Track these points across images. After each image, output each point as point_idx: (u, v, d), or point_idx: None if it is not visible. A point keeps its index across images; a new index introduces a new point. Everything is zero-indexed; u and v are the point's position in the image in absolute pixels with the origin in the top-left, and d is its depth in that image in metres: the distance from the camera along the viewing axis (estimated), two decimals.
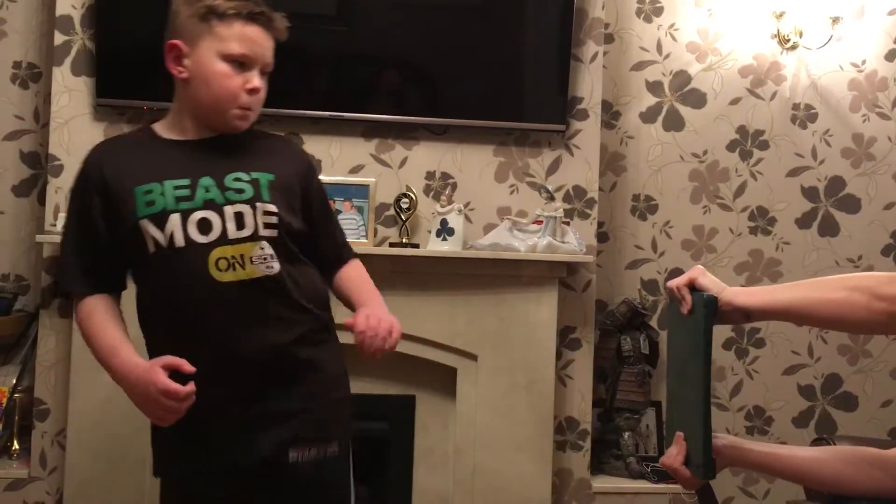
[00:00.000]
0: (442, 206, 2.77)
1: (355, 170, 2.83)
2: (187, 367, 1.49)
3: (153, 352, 1.59)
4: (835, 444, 2.05)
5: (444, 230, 2.74)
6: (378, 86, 2.84)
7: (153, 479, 2.74)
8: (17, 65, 2.86)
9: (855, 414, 3.22)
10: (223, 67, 1.58)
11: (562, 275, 2.82)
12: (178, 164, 1.58)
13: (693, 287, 1.47)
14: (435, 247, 2.73)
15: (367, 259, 2.21)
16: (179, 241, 1.54)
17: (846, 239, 3.24)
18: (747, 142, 3.20)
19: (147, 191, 1.55)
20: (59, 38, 2.69)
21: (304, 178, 1.68)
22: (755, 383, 3.19)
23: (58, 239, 2.59)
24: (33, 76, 2.86)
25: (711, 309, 1.42)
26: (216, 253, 1.53)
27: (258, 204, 1.57)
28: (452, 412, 2.78)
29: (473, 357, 2.76)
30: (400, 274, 2.70)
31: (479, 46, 2.86)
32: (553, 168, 2.91)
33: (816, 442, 2.28)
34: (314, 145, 2.80)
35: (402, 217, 2.78)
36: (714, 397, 3.18)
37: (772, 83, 3.20)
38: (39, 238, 2.62)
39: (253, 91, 1.60)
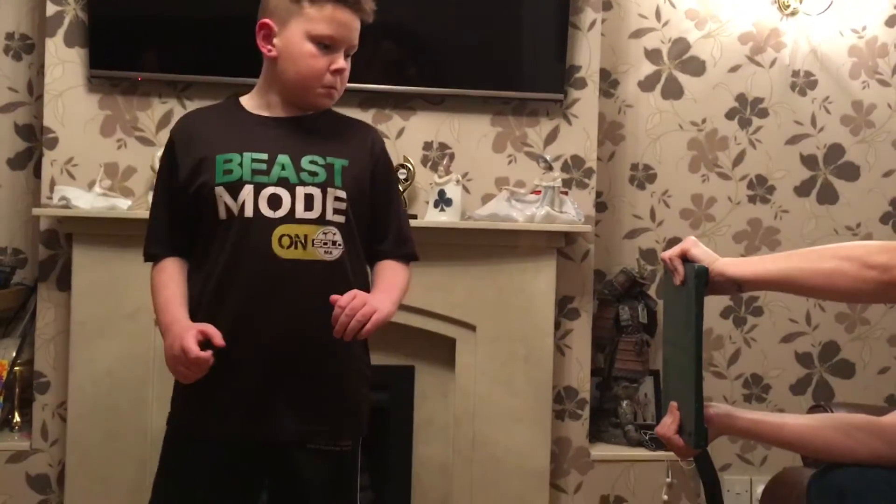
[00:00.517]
0: (440, 177, 2.76)
1: None
2: (219, 340, 1.55)
3: (195, 314, 1.62)
4: (832, 411, 2.06)
5: (442, 201, 2.73)
6: (375, 56, 2.82)
7: (154, 451, 2.76)
8: (9, 36, 2.83)
9: (852, 381, 3.24)
10: (310, 48, 1.63)
11: (560, 245, 2.82)
12: (259, 138, 1.64)
13: (686, 258, 1.48)
14: (433, 217, 2.73)
15: None
16: (249, 211, 1.59)
17: (845, 207, 3.24)
18: (746, 110, 3.19)
19: (227, 160, 1.60)
20: (51, 9, 2.66)
21: (372, 164, 1.71)
22: (753, 351, 3.20)
23: (53, 212, 2.61)
24: (26, 48, 2.84)
25: (703, 279, 1.44)
26: (281, 229, 1.58)
27: (329, 189, 1.62)
28: (452, 382, 2.79)
29: (472, 327, 2.77)
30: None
31: (477, 15, 2.83)
32: (551, 138, 2.89)
33: (813, 409, 2.30)
34: None
35: (400, 188, 2.77)
36: (712, 365, 3.19)
37: (771, 50, 3.18)
38: (36, 211, 2.61)
39: (338, 72, 1.65)
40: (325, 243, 1.61)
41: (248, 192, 1.59)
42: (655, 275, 3.16)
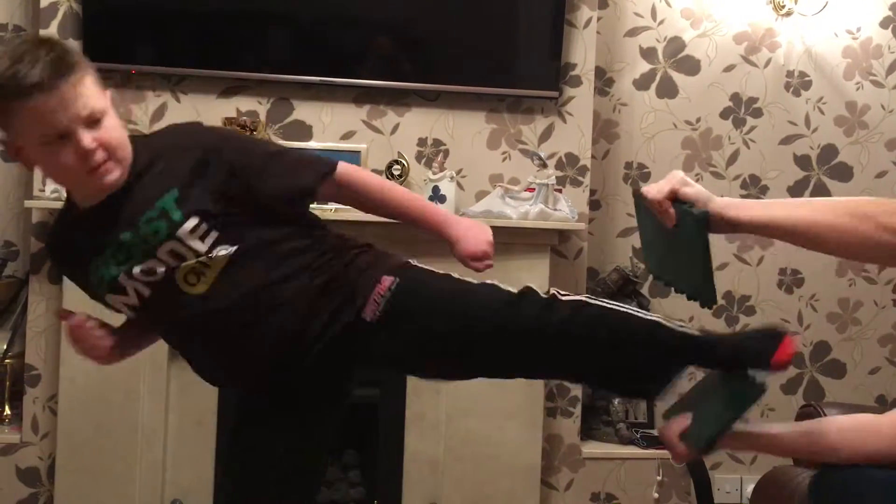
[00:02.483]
0: (434, 173, 2.76)
1: (347, 136, 2.81)
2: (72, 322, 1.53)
3: (195, 365, 1.59)
4: (823, 411, 2.07)
5: (436, 197, 2.73)
6: (370, 51, 2.82)
7: (145, 444, 2.75)
8: (3, 27, 2.81)
9: (843, 381, 3.25)
10: (46, 152, 1.40)
11: (554, 242, 2.82)
12: (99, 231, 1.49)
13: (677, 199, 1.35)
14: None
15: (360, 226, 2.20)
16: (144, 292, 1.49)
17: None
18: (740, 109, 3.19)
19: (95, 268, 1.51)
20: (45, 1, 2.65)
21: (202, 160, 1.49)
22: None
23: (45, 204, 2.59)
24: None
25: (704, 224, 1.31)
26: (178, 275, 1.46)
27: (178, 232, 1.45)
28: None
29: None
30: (391, 241, 2.69)
31: (472, 11, 2.83)
32: (545, 135, 2.89)
33: (804, 409, 2.30)
34: (305, 111, 2.77)
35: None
36: None
37: (766, 50, 3.18)
38: (28, 203, 2.60)
39: (88, 154, 1.40)
40: (219, 248, 1.47)
41: (125, 281, 1.48)
42: (649, 273, 3.16)
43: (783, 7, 3.14)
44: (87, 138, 1.39)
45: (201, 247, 1.46)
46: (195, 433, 2.66)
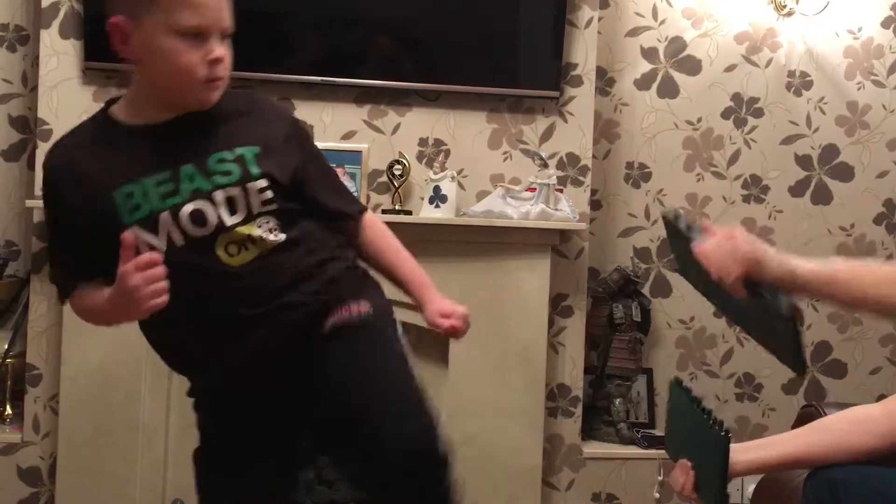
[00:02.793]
0: (435, 173, 2.76)
1: (348, 136, 2.81)
2: (148, 257, 1.34)
3: (171, 350, 1.54)
4: (824, 411, 2.07)
5: (437, 197, 2.73)
6: (371, 51, 2.82)
7: (146, 444, 2.76)
8: (4, 27, 2.82)
9: (844, 381, 3.25)
10: (176, 44, 1.39)
11: (554, 242, 2.82)
12: (152, 155, 1.42)
13: (751, 279, 1.26)
14: (428, 214, 2.72)
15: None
16: (178, 240, 1.41)
17: (839, 207, 3.24)
18: (742, 109, 3.19)
19: (127, 194, 1.40)
20: (46, 0, 2.65)
21: (291, 136, 1.53)
22: (745, 350, 3.21)
23: None
24: (21, 39, 2.83)
25: (793, 323, 1.28)
26: (221, 241, 1.42)
27: (248, 185, 1.43)
28: (444, 378, 2.79)
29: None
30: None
31: (473, 11, 2.83)
32: (546, 135, 2.89)
33: (805, 409, 2.30)
34: (306, 111, 2.77)
35: (395, 184, 2.76)
36: (703, 364, 3.20)
37: (767, 50, 3.18)
38: (29, 203, 2.60)
39: (216, 61, 1.42)
40: (270, 230, 1.45)
41: (166, 220, 1.40)
42: (650, 273, 3.16)
43: (784, 7, 3.14)
44: (219, 49, 1.42)
45: (259, 208, 1.44)
46: (196, 433, 2.66)
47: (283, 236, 1.46)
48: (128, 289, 1.34)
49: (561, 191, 2.81)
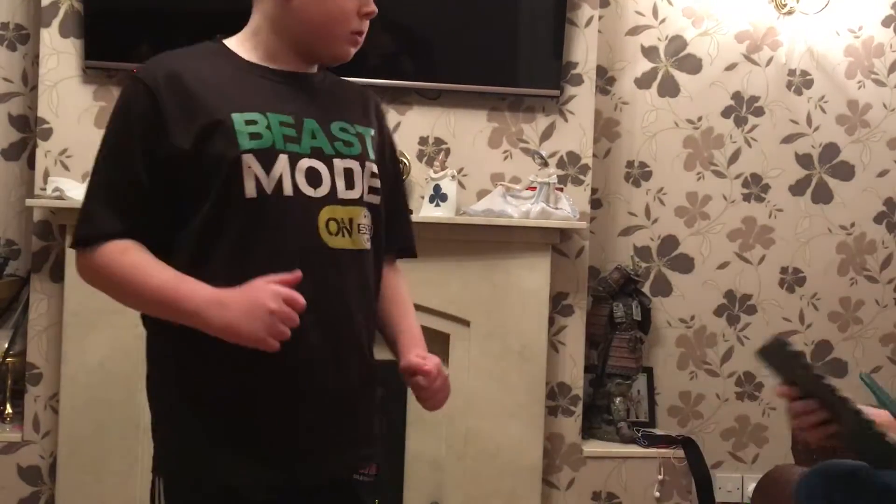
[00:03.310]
0: (435, 172, 2.76)
1: None
2: (300, 299, 1.19)
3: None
4: None
5: (438, 196, 2.73)
6: (371, 50, 2.81)
7: (146, 442, 2.75)
8: (4, 26, 2.82)
9: (845, 380, 3.25)
10: None
11: (555, 241, 2.82)
12: (277, 95, 1.29)
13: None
14: (428, 213, 2.72)
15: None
16: (288, 188, 1.25)
17: (839, 206, 3.24)
18: (742, 108, 3.19)
19: (250, 120, 1.25)
20: None
21: (390, 146, 1.44)
22: (746, 350, 3.21)
23: (47, 203, 2.60)
24: (21, 38, 2.82)
25: None
26: (326, 212, 1.27)
27: (367, 163, 1.33)
28: None
29: (466, 323, 2.77)
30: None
31: (474, 10, 2.83)
32: (547, 134, 2.89)
33: None
34: None
35: None
36: (704, 363, 3.20)
37: (768, 49, 3.18)
38: (29, 202, 2.60)
39: (368, 14, 1.35)
40: (366, 228, 1.33)
41: (283, 163, 1.25)
42: (650, 272, 3.16)
43: (785, 6, 3.14)
44: (373, 4, 1.36)
45: (367, 195, 1.33)
46: None
47: (369, 245, 1.33)
48: (262, 307, 1.18)
49: (561, 190, 2.81)
